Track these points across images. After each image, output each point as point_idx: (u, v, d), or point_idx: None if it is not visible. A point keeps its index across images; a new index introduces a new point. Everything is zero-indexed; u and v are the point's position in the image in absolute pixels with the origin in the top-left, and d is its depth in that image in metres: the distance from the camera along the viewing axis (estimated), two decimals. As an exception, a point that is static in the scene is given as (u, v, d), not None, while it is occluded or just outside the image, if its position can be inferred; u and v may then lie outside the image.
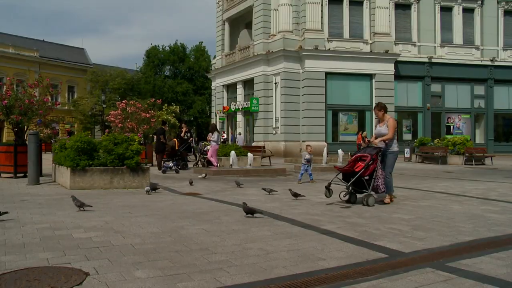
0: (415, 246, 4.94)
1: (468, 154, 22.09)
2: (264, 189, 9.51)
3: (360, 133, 27.76)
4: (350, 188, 7.91)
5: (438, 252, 4.70)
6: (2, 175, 13.59)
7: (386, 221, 6.48)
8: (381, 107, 8.73)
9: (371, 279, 3.81)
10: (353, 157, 8.39)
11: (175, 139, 18.60)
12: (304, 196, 8.90)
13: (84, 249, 4.70)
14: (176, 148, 17.67)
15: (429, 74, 31.74)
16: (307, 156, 12.56)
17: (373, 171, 7.99)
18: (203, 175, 13.68)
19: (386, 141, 8.34)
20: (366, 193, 7.95)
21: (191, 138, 18.06)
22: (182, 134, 18.88)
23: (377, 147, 8.24)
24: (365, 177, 7.93)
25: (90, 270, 3.94)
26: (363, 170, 7.86)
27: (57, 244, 4.90)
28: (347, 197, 8.09)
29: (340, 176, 8.30)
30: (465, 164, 21.64)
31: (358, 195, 8.26)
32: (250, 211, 6.58)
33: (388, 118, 8.61)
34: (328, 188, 8.09)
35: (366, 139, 9.40)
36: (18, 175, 13.17)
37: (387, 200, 8.31)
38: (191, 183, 11.42)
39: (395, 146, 8.45)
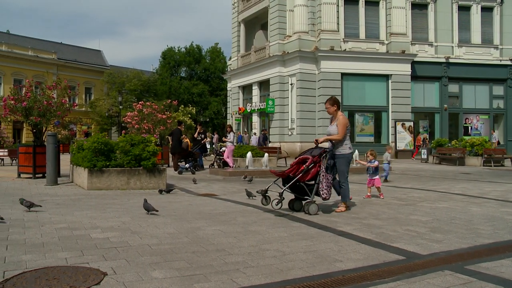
0: (433, 248, 4.89)
1: (486, 155, 21.79)
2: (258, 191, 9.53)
3: (420, 134, 27.46)
4: (283, 195, 6.95)
5: (457, 255, 4.64)
6: (22, 175, 13.80)
7: (403, 222, 6.42)
8: (334, 102, 7.68)
9: (388, 281, 3.78)
10: (296, 159, 7.46)
11: (187, 140, 18.67)
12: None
13: (101, 249, 4.75)
14: (189, 149, 17.74)
15: (446, 75, 31.36)
16: (389, 158, 13.20)
17: (316, 175, 7.08)
18: (249, 177, 12.99)
19: (334, 142, 7.49)
20: (308, 200, 7.09)
21: (205, 139, 18.08)
22: (195, 135, 18.96)
23: (322, 148, 7.40)
24: (307, 182, 7.12)
25: (108, 270, 3.98)
26: (301, 174, 7.01)
27: (75, 244, 4.95)
28: (279, 205, 7.01)
29: (280, 181, 7.32)
30: (483, 166, 21.35)
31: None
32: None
33: (339, 115, 7.60)
34: (264, 195, 7.09)
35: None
36: (37, 175, 13.35)
37: (340, 209, 7.46)
38: (194, 182, 12.05)
39: (346, 148, 7.47)
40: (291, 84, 29.60)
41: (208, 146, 25.82)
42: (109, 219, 6.50)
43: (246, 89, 35.64)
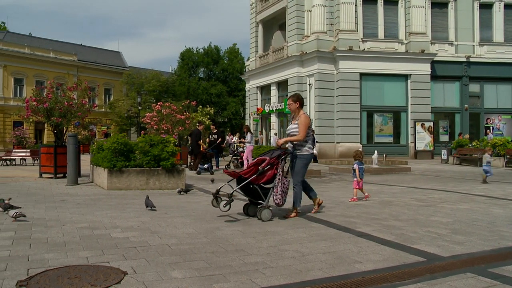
0: (455, 250, 4.82)
1: (509, 156, 21.39)
2: None
3: (460, 134, 27.15)
4: (232, 197, 6.49)
5: (479, 257, 4.57)
6: (43, 175, 14.02)
7: (423, 224, 6.35)
8: (297, 98, 7.19)
9: (408, 283, 3.75)
10: (254, 160, 7.03)
11: (203, 145, 18.66)
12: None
13: (122, 248, 4.80)
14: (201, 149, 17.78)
15: (467, 74, 30.89)
16: (489, 159, 13.16)
17: (273, 178, 6.64)
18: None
19: (294, 143, 7.00)
20: (262, 205, 6.60)
21: (219, 139, 18.06)
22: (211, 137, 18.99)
23: (282, 150, 6.92)
24: (263, 185, 6.67)
25: (128, 270, 4.02)
26: (254, 176, 6.55)
27: (96, 244, 5.02)
28: (227, 207, 6.39)
29: (234, 183, 6.83)
30: (506, 167, 20.96)
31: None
32: None
33: (301, 114, 7.11)
34: (215, 196, 6.64)
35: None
36: (58, 175, 13.56)
37: (291, 214, 6.93)
38: (212, 182, 12.16)
39: (306, 149, 6.99)
40: (309, 85, 29.50)
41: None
42: (129, 219, 6.56)
43: (265, 89, 35.64)
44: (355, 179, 9.12)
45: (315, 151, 23.85)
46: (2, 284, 3.62)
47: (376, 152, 18.88)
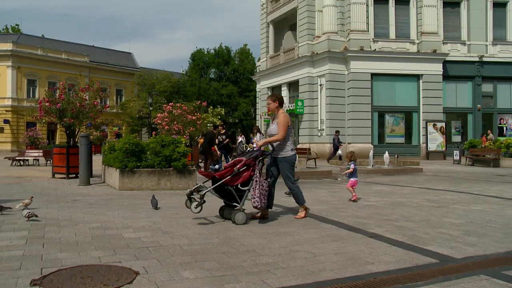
0: (468, 252, 4.77)
1: (522, 157, 21.16)
2: (286, 193, 9.53)
3: (485, 135, 26.93)
4: (204, 198, 6.24)
5: (493, 259, 4.52)
6: (56, 175, 14.14)
7: (435, 225, 6.30)
8: (276, 98, 6.93)
9: (421, 284, 3.72)
10: (231, 161, 6.77)
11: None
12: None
13: (133, 248, 4.82)
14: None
15: (480, 74, 30.62)
16: None
17: (249, 180, 6.40)
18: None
19: (274, 143, 6.74)
20: (237, 208, 6.36)
21: (227, 140, 18.07)
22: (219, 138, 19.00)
23: (260, 151, 6.63)
24: (239, 187, 6.38)
25: (140, 270, 4.04)
26: (229, 177, 6.30)
27: (108, 243, 5.05)
28: (199, 209, 6.12)
29: (210, 184, 6.56)
30: (519, 167, 20.74)
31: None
32: None
33: (280, 113, 6.85)
34: (189, 196, 6.30)
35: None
36: (70, 175, 13.67)
37: (299, 215, 6.83)
38: None
39: (288, 150, 6.73)
40: (320, 85, 29.44)
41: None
42: (140, 219, 6.60)
43: (275, 90, 35.56)
44: (352, 179, 9.01)
45: (340, 152, 23.81)
46: (17, 282, 3.66)
47: (387, 152, 18.78)
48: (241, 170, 6.34)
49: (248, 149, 20.51)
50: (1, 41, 48.80)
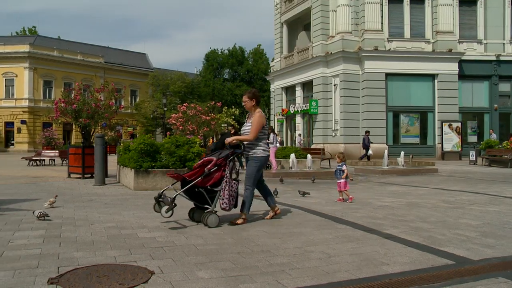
0: (485, 254, 4.71)
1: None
2: (299, 191, 9.60)
3: None
4: (175, 201, 5.97)
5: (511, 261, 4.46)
6: (72, 175, 14.29)
7: (451, 226, 6.23)
8: (253, 95, 6.61)
9: (437, 286, 3.68)
10: (200, 161, 6.41)
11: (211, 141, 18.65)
12: (309, 193, 9.50)
13: (148, 248, 4.85)
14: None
15: (497, 73, 30.23)
16: None
17: (220, 180, 6.10)
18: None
19: (245, 143, 6.48)
20: (209, 210, 6.09)
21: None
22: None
23: (231, 150, 6.38)
24: (210, 188, 6.12)
25: (155, 269, 4.05)
26: (199, 178, 6.01)
27: (123, 243, 5.09)
28: (169, 213, 5.83)
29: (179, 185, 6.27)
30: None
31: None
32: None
33: (256, 112, 6.54)
34: (157, 200, 6.08)
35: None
36: (85, 175, 13.79)
37: (238, 221, 6.30)
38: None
39: (260, 150, 6.46)
40: (334, 85, 29.34)
41: None
42: (155, 219, 6.62)
43: (289, 90, 35.58)
44: (343, 180, 8.80)
45: (370, 152, 23.66)
46: (35, 281, 3.71)
47: (402, 152, 18.64)
48: (212, 170, 6.06)
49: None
50: (18, 43, 49.54)
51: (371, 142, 24.88)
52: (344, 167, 8.91)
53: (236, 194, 6.21)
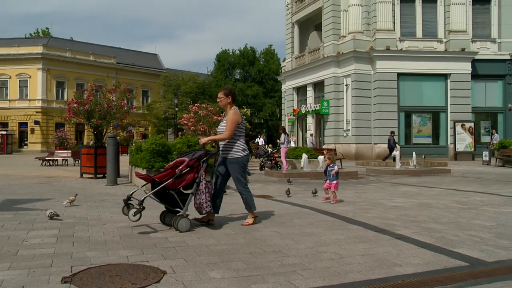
0: (499, 256, 4.65)
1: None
2: (313, 192, 9.66)
3: None
4: (143, 204, 5.68)
5: (527, 263, 4.40)
6: (84, 175, 14.40)
7: (465, 227, 6.18)
8: (229, 92, 6.35)
9: (450, 288, 3.66)
10: (172, 162, 6.14)
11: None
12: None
13: (160, 248, 4.87)
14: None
15: (511, 72, 29.89)
16: None
17: (192, 182, 5.82)
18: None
19: (223, 143, 6.26)
20: (180, 213, 5.76)
21: (251, 141, 18.12)
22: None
23: (204, 150, 6.17)
24: (182, 191, 5.90)
25: (167, 269, 4.07)
26: (170, 180, 5.70)
27: (136, 243, 5.11)
28: (137, 216, 5.56)
29: (149, 187, 6.07)
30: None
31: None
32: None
33: (231, 110, 6.24)
34: (126, 202, 5.82)
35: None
36: (97, 175, 13.89)
37: (247, 221, 6.24)
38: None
39: (239, 151, 6.16)
40: (346, 85, 29.23)
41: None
42: (167, 218, 6.64)
43: (301, 90, 35.52)
44: (335, 182, 8.72)
45: (395, 152, 23.49)
46: (49, 279, 3.74)
47: (414, 153, 18.51)
48: (184, 172, 5.75)
49: (269, 149, 20.53)
50: (32, 44, 50.04)
51: (397, 143, 24.67)
52: (336, 168, 8.87)
53: (211, 196, 6.00)
